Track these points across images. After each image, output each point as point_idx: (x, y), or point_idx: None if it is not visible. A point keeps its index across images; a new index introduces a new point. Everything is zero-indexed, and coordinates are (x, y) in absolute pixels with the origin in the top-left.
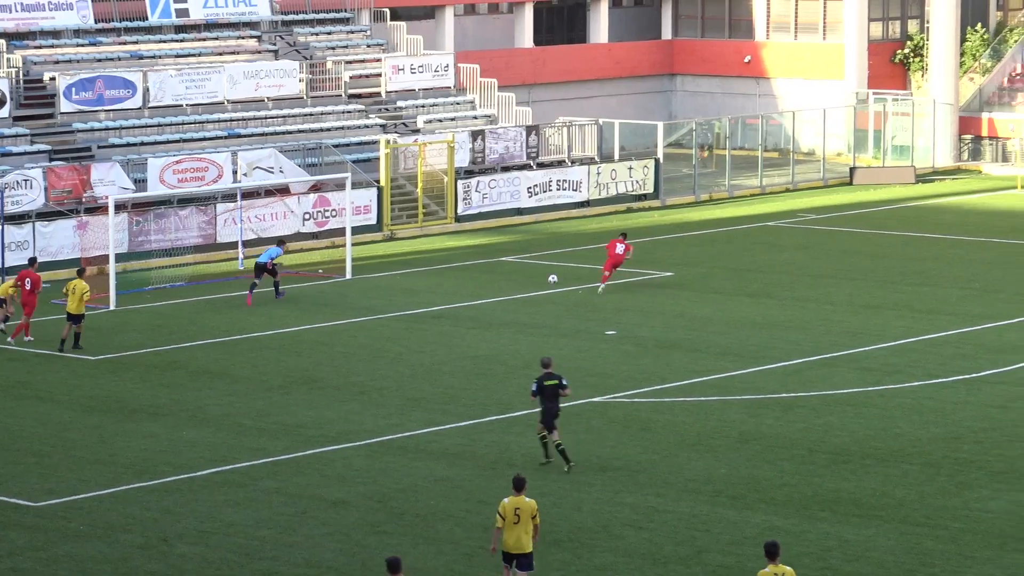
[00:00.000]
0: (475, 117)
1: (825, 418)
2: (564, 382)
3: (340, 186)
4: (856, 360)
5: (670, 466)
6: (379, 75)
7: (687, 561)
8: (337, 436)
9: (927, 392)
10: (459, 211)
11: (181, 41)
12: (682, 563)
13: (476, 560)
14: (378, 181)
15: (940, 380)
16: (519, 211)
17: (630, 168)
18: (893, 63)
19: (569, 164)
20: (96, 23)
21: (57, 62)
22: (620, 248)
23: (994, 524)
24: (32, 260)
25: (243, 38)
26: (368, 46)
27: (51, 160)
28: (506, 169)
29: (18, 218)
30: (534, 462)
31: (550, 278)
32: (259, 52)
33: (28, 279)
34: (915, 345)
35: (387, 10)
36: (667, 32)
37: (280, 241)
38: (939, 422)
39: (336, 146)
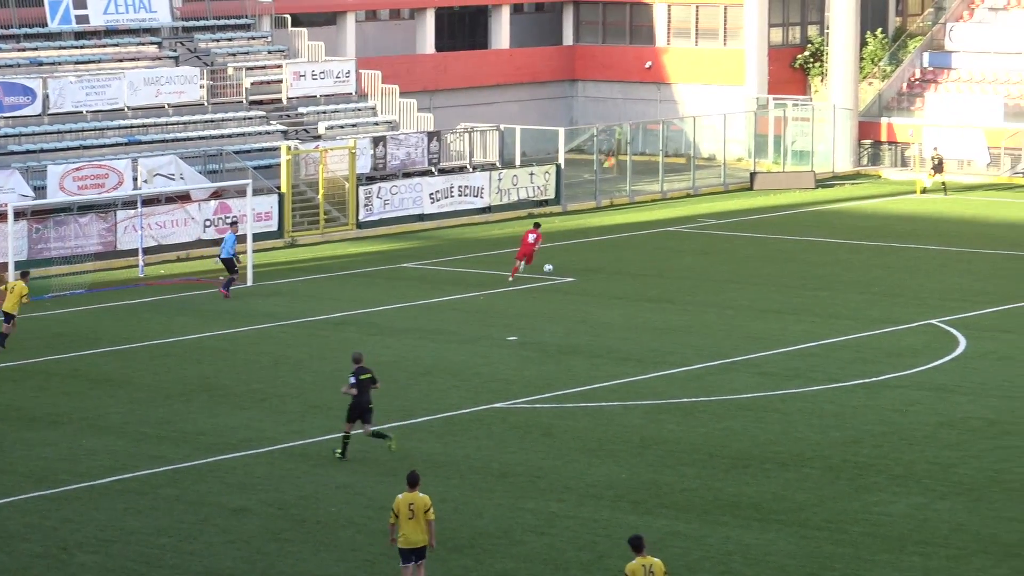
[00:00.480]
0: (376, 123)
1: (726, 423)
2: (375, 376)
3: (241, 193)
4: (756, 365)
5: (571, 471)
6: (280, 81)
7: (588, 567)
8: (238, 443)
9: (827, 396)
10: (361, 217)
11: (81, 48)
12: (583, 568)
13: (377, 567)
14: (279, 187)
15: (840, 384)
16: (421, 217)
17: (532, 174)
18: (793, 68)
19: (471, 170)
20: None
21: None
22: (532, 238)
23: (893, 527)
24: None
25: (143, 44)
26: (269, 52)
27: None
28: (408, 175)
29: None
30: (435, 466)
31: (546, 267)
32: (160, 58)
33: None
34: (815, 349)
35: (288, 16)
36: (568, 38)
37: (232, 223)
38: (839, 426)
39: (237, 152)
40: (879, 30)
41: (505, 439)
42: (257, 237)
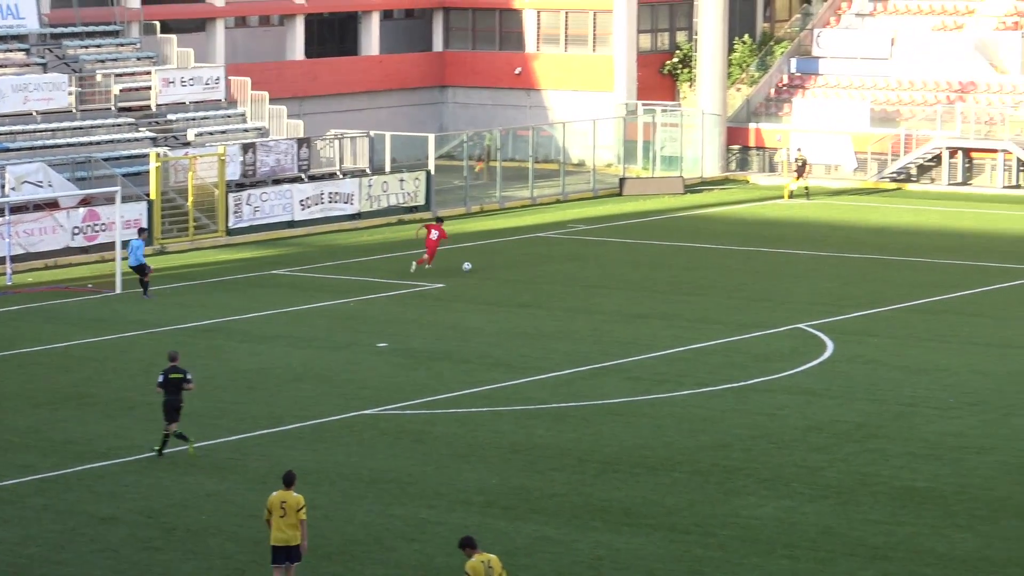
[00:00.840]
0: (246, 130)
1: (595, 428)
2: (189, 376)
3: (110, 200)
4: (626, 370)
5: (442, 477)
6: (149, 88)
7: (459, 572)
8: (107, 452)
9: (696, 401)
10: (230, 224)
11: None
12: (454, 574)
13: (248, 574)
14: (148, 195)
15: (709, 389)
16: (291, 224)
17: (402, 180)
18: (662, 74)
19: (341, 177)
20: None
21: None
22: (435, 234)
23: (762, 531)
24: None
25: (11, 51)
26: (138, 59)
27: None
28: (277, 182)
29: None
30: (304, 473)
31: (465, 265)
32: (27, 65)
33: None
34: (684, 354)
35: (157, 23)
36: (438, 44)
37: (140, 231)
38: (708, 430)
39: (106, 160)
40: (747, 36)
41: (375, 446)
42: (127, 244)
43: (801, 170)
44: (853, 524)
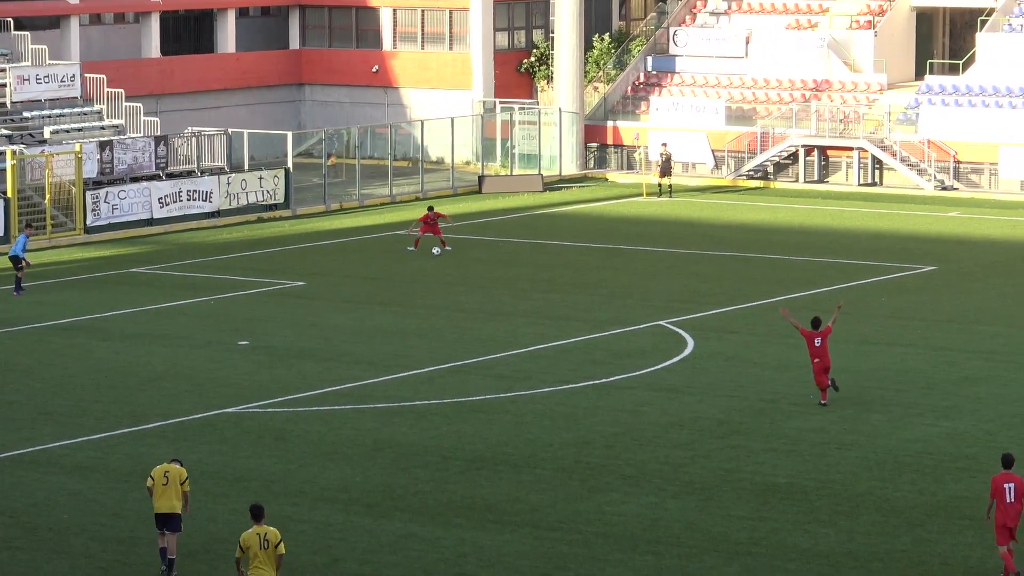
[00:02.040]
0: (103, 127)
1: (458, 425)
2: None
3: None
4: (488, 367)
5: (305, 476)
6: (4, 85)
7: (323, 570)
8: None
9: (558, 398)
10: (89, 222)
11: None
12: (318, 572)
13: (112, 574)
14: (4, 193)
15: (571, 386)
16: (150, 222)
17: (260, 178)
18: (519, 72)
19: (199, 174)
20: None
21: None
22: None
23: (626, 527)
24: None
25: None
26: None
27: None
28: (135, 180)
29: None
30: None
31: (434, 250)
32: None
33: None
34: (546, 351)
35: (11, 19)
36: (295, 42)
37: (28, 224)
38: (570, 427)
39: None
40: (605, 34)
41: (238, 444)
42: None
43: (666, 167)
44: (716, 520)
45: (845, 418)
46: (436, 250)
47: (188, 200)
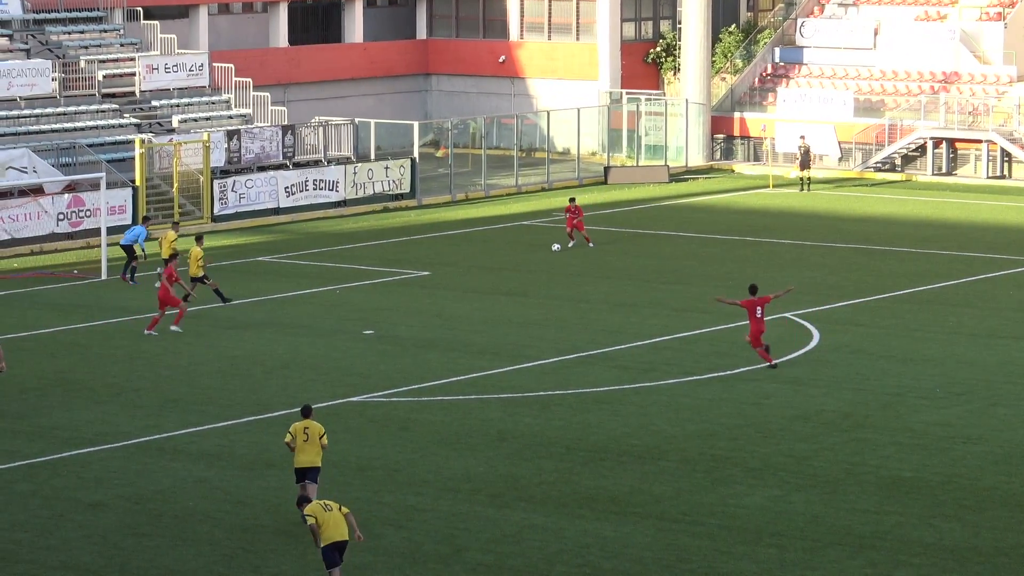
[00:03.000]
0: (230, 116)
1: (582, 416)
2: None
3: (95, 186)
4: (613, 358)
5: (429, 465)
6: (133, 74)
7: (446, 560)
8: (94, 438)
9: (683, 390)
10: (215, 211)
11: None
12: (441, 561)
13: (236, 561)
14: (133, 181)
15: (696, 377)
16: (276, 211)
17: (386, 168)
18: (646, 63)
19: (325, 164)
20: None
21: None
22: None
23: (749, 520)
24: None
25: None
26: (122, 45)
27: None
28: (262, 169)
29: None
30: (292, 460)
31: (554, 246)
32: (11, 51)
33: None
34: (670, 343)
35: (140, 9)
36: (422, 32)
37: (145, 219)
38: (695, 419)
39: (90, 146)
40: (732, 25)
41: (363, 433)
42: (111, 231)
43: (805, 160)
44: (840, 513)
45: (971, 412)
46: (556, 246)
47: (315, 189)
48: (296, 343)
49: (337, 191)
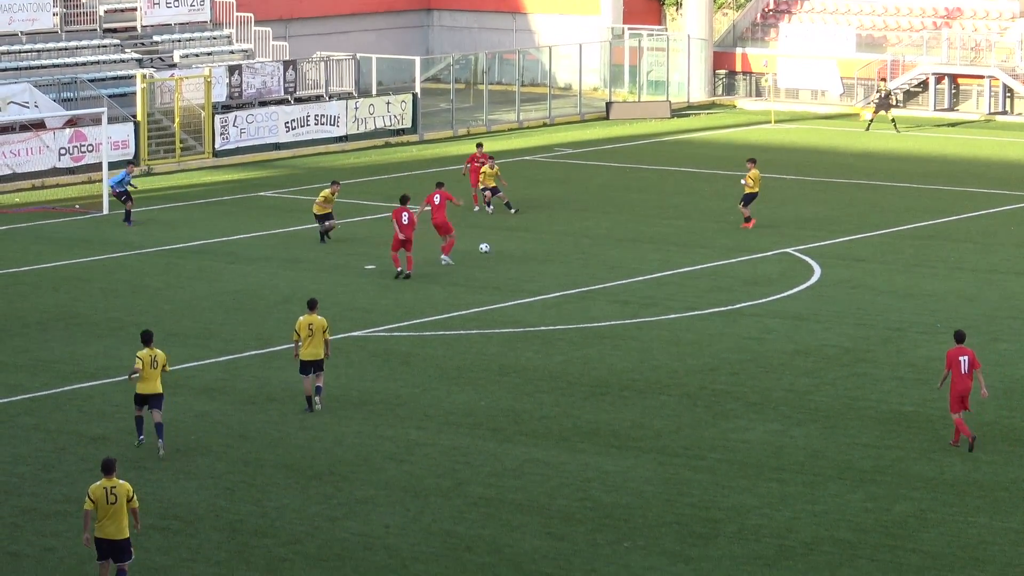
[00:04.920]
0: (232, 52)
1: (584, 351)
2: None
3: (97, 121)
4: (614, 293)
5: (430, 399)
6: (135, 9)
7: (448, 493)
8: (96, 372)
9: (684, 324)
10: (217, 146)
11: None
12: (443, 495)
13: (237, 495)
14: (135, 116)
15: (697, 312)
16: (277, 146)
17: (388, 103)
18: None
19: (327, 99)
20: None
21: None
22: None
23: (750, 454)
24: None
25: None
26: None
27: None
28: (263, 104)
29: None
30: (294, 394)
31: (481, 247)
32: None
33: None
34: (672, 278)
35: None
36: None
37: (129, 161)
38: (696, 354)
39: (92, 81)
40: None
41: (364, 367)
42: (113, 166)
43: (884, 103)
44: (841, 448)
45: (972, 347)
46: (484, 247)
47: (316, 124)
48: (297, 278)
49: (338, 126)
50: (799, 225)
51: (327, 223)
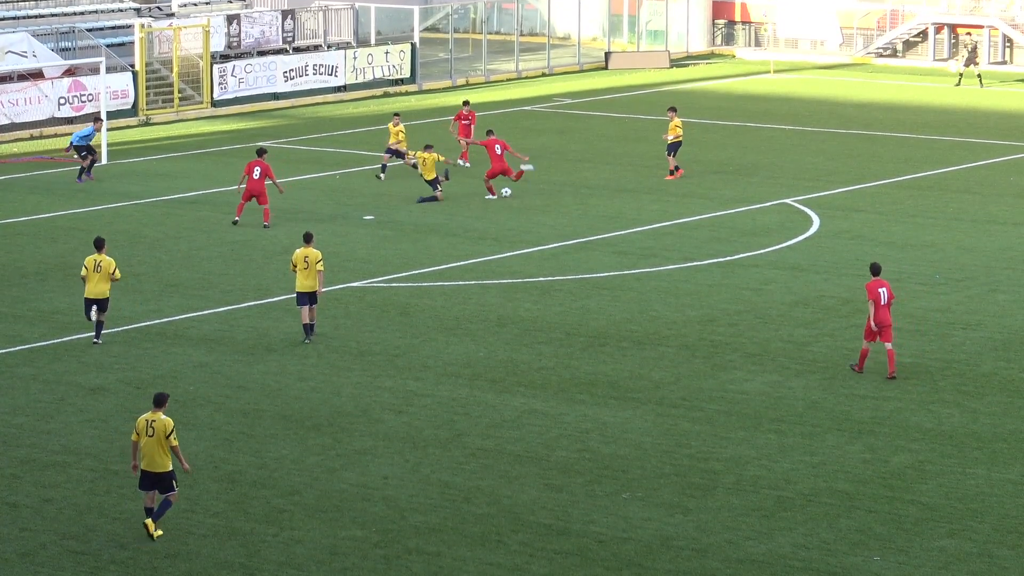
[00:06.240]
0: (230, 1)
1: (582, 301)
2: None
3: (95, 70)
4: (612, 244)
5: (429, 350)
6: None
7: (446, 444)
8: (95, 322)
9: (682, 275)
10: (215, 96)
11: None
12: (441, 446)
13: (236, 445)
14: (133, 66)
15: (695, 263)
16: (276, 96)
17: (387, 53)
18: None
19: (325, 49)
20: None
21: None
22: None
23: (749, 405)
24: None
25: None
26: None
27: None
28: (262, 54)
29: None
30: (292, 345)
31: (504, 191)
32: None
33: None
34: (670, 229)
35: None
36: None
37: (96, 119)
38: (695, 305)
39: (90, 30)
40: None
41: (362, 318)
42: (112, 115)
43: (971, 57)
44: (839, 399)
45: (971, 298)
46: (506, 191)
47: (314, 74)
48: (296, 228)
49: (337, 76)
50: (797, 176)
51: (407, 160)
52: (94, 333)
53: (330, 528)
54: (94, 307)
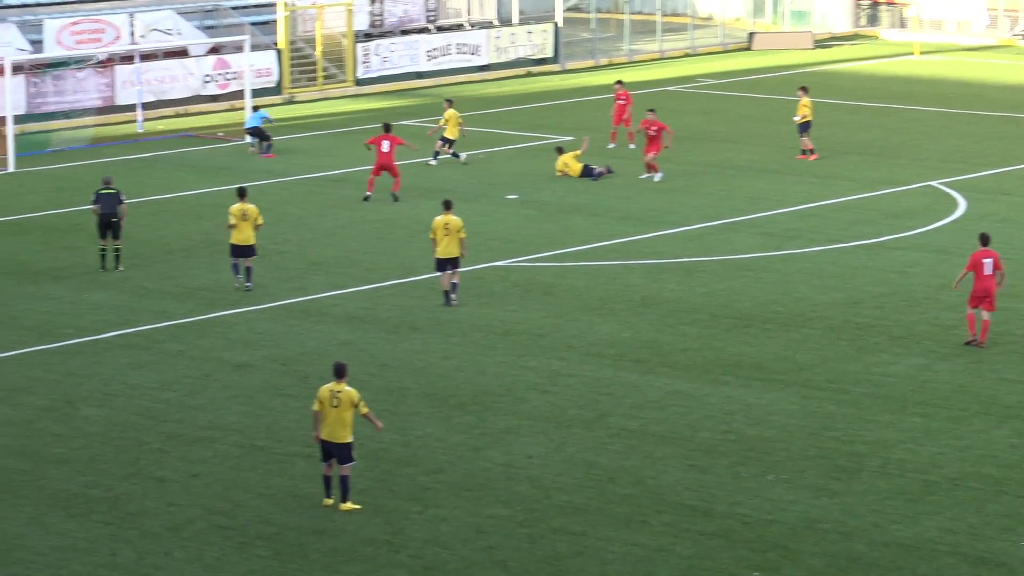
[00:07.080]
0: None
1: (726, 283)
2: (120, 196)
3: (239, 49)
4: (757, 225)
5: (573, 330)
6: None
7: (590, 424)
8: (240, 299)
9: (828, 257)
10: (359, 74)
11: None
12: (585, 426)
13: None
14: (277, 44)
15: (840, 245)
16: (418, 75)
17: (529, 32)
18: None
19: (468, 28)
20: None
21: None
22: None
23: (894, 388)
24: None
25: None
26: None
27: None
28: (405, 32)
29: None
30: (437, 324)
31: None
32: None
33: None
34: (815, 210)
35: None
36: None
37: (255, 108)
38: (840, 287)
39: (234, 8)
40: None
41: (507, 297)
42: (256, 94)
43: None
44: (986, 382)
45: None
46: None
47: (457, 53)
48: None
49: (479, 55)
50: (943, 158)
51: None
52: (245, 278)
53: (474, 506)
54: (240, 257)
